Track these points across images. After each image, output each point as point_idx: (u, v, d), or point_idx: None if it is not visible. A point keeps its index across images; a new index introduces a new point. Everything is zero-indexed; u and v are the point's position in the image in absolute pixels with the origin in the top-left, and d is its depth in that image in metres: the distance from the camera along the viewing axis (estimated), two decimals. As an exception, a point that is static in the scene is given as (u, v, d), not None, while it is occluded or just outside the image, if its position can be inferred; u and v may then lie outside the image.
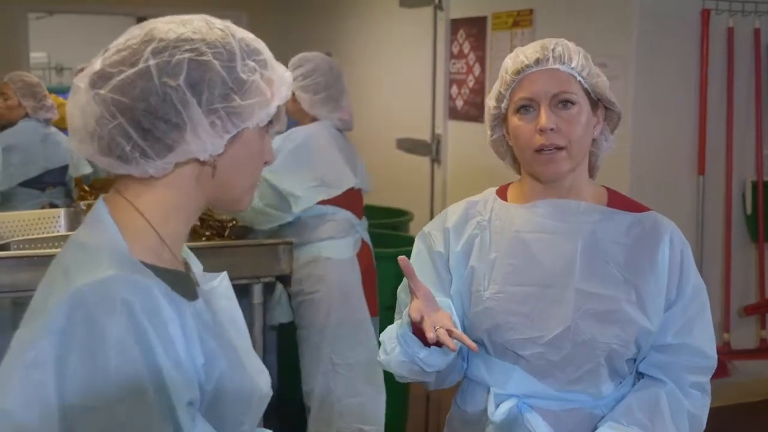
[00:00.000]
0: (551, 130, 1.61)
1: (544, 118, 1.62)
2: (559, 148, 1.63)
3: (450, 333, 1.50)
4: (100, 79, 1.14)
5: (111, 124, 1.13)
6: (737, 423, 4.16)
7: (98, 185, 4.30)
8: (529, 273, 1.67)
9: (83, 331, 1.05)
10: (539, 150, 1.64)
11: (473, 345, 1.52)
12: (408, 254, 3.98)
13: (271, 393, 1.31)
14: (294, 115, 3.37)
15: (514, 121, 1.67)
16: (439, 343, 1.54)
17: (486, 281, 1.69)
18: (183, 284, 1.20)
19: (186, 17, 1.19)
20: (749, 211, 4.47)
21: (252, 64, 1.18)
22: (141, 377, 1.05)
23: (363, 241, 3.39)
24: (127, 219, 1.17)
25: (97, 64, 1.16)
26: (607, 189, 1.76)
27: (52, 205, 3.98)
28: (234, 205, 1.26)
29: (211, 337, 1.18)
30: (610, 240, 1.68)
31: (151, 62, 1.13)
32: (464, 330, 1.71)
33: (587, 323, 1.63)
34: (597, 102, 1.68)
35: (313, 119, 3.31)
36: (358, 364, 3.25)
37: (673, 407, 1.66)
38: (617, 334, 1.62)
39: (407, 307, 1.60)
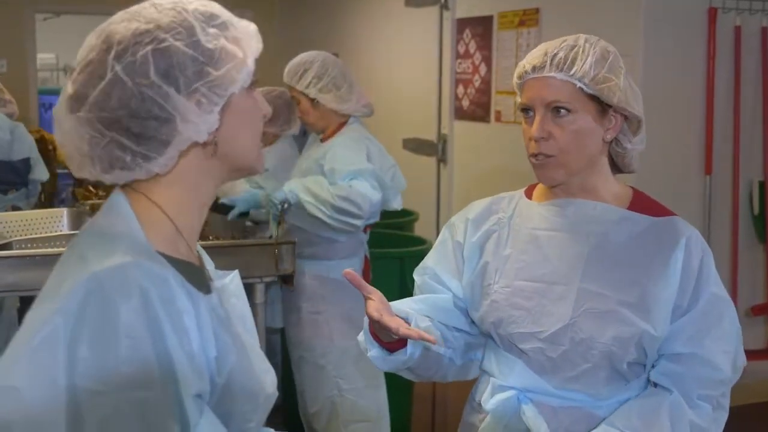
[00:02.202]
0: (543, 138, 1.64)
1: (534, 126, 1.65)
2: (548, 156, 1.65)
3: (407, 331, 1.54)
4: (76, 102, 1.13)
5: (103, 142, 1.13)
6: (744, 425, 4.13)
7: (104, 187, 4.30)
8: (538, 269, 1.69)
9: (97, 315, 1.05)
10: (532, 155, 1.67)
11: (433, 338, 1.56)
12: (414, 254, 3.97)
13: (276, 394, 1.30)
14: (317, 122, 3.18)
15: (522, 121, 1.71)
16: (390, 347, 1.64)
17: (497, 275, 1.72)
18: (197, 277, 1.20)
19: (134, 8, 1.18)
20: (756, 211, 4.45)
21: (213, 30, 1.16)
22: (150, 366, 1.05)
23: (365, 257, 3.31)
24: (143, 210, 1.18)
25: (68, 88, 1.15)
26: (634, 190, 1.76)
27: (15, 208, 3.99)
28: (249, 170, 1.25)
29: (224, 332, 1.18)
30: (622, 242, 1.67)
31: (118, 68, 1.12)
32: (474, 323, 1.78)
33: (586, 322, 1.63)
34: (608, 106, 1.66)
35: (339, 120, 3.17)
36: (365, 387, 3.17)
37: (674, 417, 1.62)
38: (616, 335, 1.61)
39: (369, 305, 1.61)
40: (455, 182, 5.59)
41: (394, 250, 3.91)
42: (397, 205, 3.22)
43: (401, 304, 1.71)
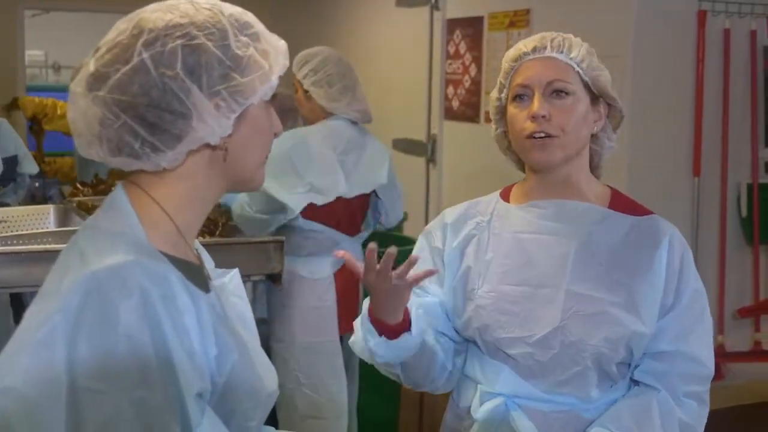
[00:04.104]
0: (543, 117, 1.61)
1: (536, 104, 1.62)
2: (550, 136, 1.62)
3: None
4: (96, 80, 1.13)
5: (116, 124, 1.12)
6: (731, 426, 4.14)
7: (91, 185, 4.27)
8: (523, 273, 1.67)
9: (96, 314, 1.05)
10: (530, 136, 1.63)
11: (434, 269, 1.60)
12: (402, 253, 3.94)
13: (278, 391, 1.31)
14: (308, 115, 3.24)
15: (511, 109, 1.68)
16: (389, 334, 1.60)
17: (480, 280, 1.70)
18: (197, 276, 1.20)
19: (171, 2, 1.17)
20: (744, 213, 4.46)
21: (245, 39, 1.16)
22: (150, 365, 1.05)
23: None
24: (144, 207, 1.17)
25: (90, 66, 1.14)
26: (612, 189, 1.75)
27: (3, 204, 3.95)
28: (248, 185, 1.26)
29: (225, 330, 1.18)
30: (607, 242, 1.66)
31: (145, 55, 1.11)
32: (457, 329, 1.75)
33: (576, 325, 1.62)
34: (598, 97, 1.68)
35: (328, 117, 3.18)
36: (323, 386, 3.19)
37: (664, 416, 1.63)
38: (606, 337, 1.61)
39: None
40: (444, 182, 5.59)
41: (382, 250, 3.90)
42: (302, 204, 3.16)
43: None
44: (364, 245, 3.30)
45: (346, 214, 3.24)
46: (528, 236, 1.69)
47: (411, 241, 4.18)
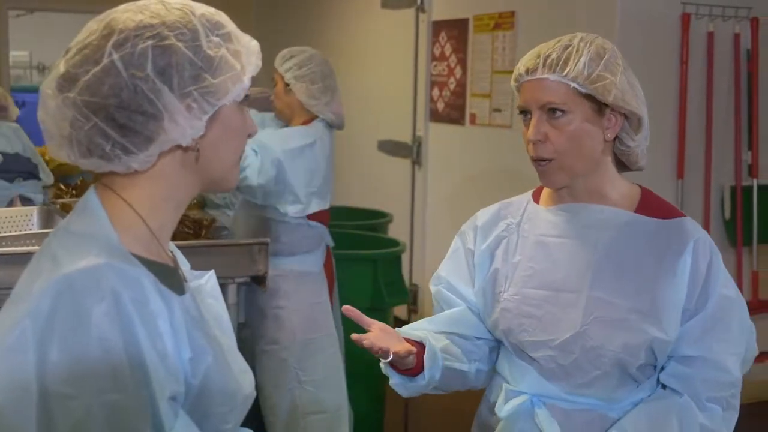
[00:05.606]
0: (539, 141, 1.63)
1: (531, 129, 1.64)
2: (548, 160, 1.64)
3: (396, 354, 1.58)
4: (66, 82, 1.12)
5: (87, 126, 1.11)
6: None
7: (75, 186, 4.25)
8: (547, 277, 1.68)
9: (68, 318, 1.04)
10: (533, 159, 1.67)
11: (412, 349, 1.61)
12: (387, 256, 3.94)
13: (254, 394, 1.30)
14: (283, 111, 3.25)
15: (523, 126, 1.70)
16: (410, 373, 1.66)
17: (507, 283, 1.72)
18: (171, 278, 1.19)
19: (141, 2, 1.17)
20: (728, 215, 4.48)
21: (216, 39, 1.16)
22: (122, 369, 1.04)
23: (327, 249, 3.35)
24: (116, 210, 1.16)
25: (60, 67, 1.14)
26: (642, 190, 1.75)
27: (24, 198, 3.88)
28: (222, 185, 1.25)
29: (199, 333, 1.18)
30: (631, 247, 1.66)
31: (115, 56, 1.11)
32: (487, 330, 1.78)
33: (596, 330, 1.62)
34: (605, 105, 1.65)
35: (305, 117, 3.20)
36: (324, 380, 3.21)
37: (683, 421, 1.62)
38: (626, 342, 1.61)
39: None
40: (429, 184, 5.60)
41: (367, 252, 3.91)
42: (308, 209, 3.17)
43: (416, 327, 1.74)
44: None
45: (326, 211, 3.32)
46: (553, 240, 1.70)
47: (395, 243, 4.18)
